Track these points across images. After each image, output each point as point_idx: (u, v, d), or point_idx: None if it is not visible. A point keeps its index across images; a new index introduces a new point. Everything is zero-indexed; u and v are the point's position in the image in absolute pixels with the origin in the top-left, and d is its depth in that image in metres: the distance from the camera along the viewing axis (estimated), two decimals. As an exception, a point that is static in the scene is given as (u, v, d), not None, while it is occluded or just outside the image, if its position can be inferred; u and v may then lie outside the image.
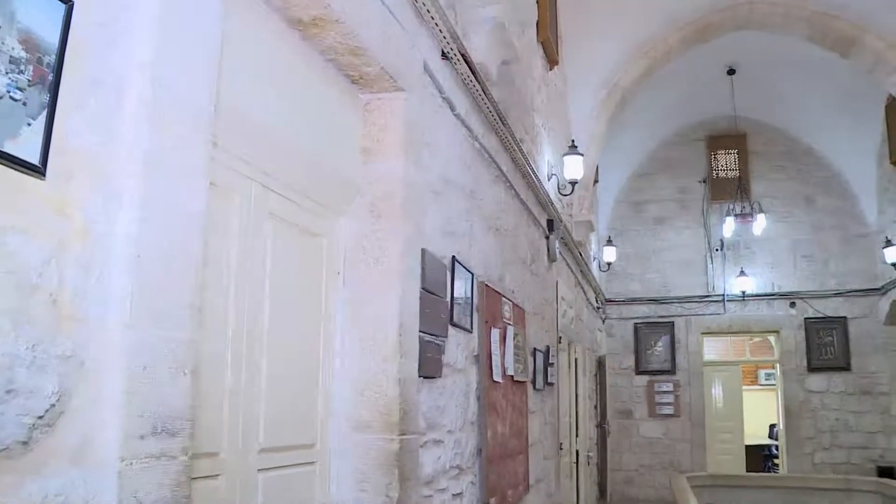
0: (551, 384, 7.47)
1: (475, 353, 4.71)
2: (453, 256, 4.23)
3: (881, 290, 13.76)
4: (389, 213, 3.44)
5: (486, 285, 4.93)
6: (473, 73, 4.54)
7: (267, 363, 2.79)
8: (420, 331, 3.61)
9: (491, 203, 5.40)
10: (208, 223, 2.05)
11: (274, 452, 2.83)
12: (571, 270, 9.71)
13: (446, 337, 4.07)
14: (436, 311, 3.85)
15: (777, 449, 16.00)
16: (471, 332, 4.59)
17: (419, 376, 3.60)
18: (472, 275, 4.61)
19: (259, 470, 2.74)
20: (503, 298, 5.40)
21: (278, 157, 2.89)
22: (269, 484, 2.78)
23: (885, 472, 13.00)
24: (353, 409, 3.32)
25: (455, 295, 4.21)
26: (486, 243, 5.19)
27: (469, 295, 4.53)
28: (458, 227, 4.46)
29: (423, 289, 3.65)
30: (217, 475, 2.49)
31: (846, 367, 14.05)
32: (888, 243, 12.68)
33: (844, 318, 14.16)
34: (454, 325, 4.21)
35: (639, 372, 14.69)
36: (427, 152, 3.91)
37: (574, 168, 8.32)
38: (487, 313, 4.89)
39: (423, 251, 3.69)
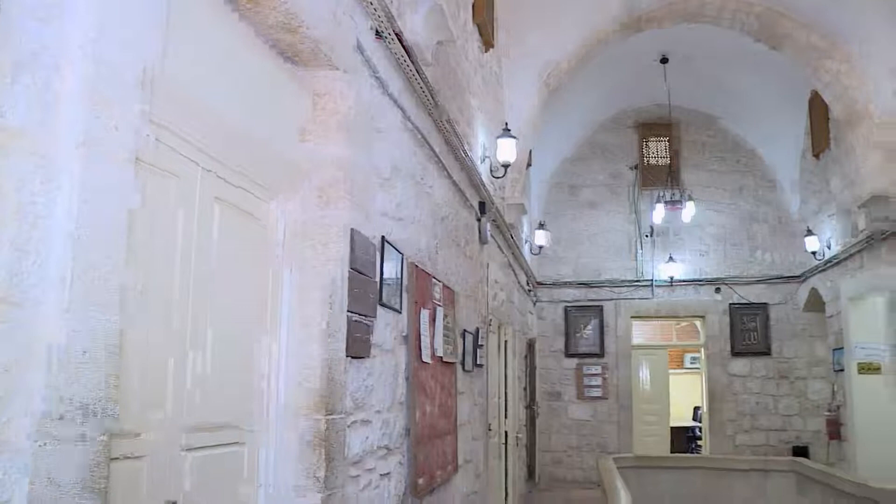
0: (481, 366, 7.52)
1: (404, 334, 4.71)
2: (383, 237, 4.22)
3: (801, 278, 14.20)
4: (328, 194, 3.44)
5: (416, 266, 4.94)
6: (408, 53, 4.53)
7: (196, 343, 2.76)
8: (348, 311, 3.60)
9: (423, 184, 5.39)
10: (152, 206, 2.02)
11: (201, 432, 2.80)
12: (503, 253, 9.76)
13: (375, 317, 4.07)
14: (364, 291, 3.85)
15: (700, 431, 16.43)
16: (400, 313, 4.59)
17: (347, 356, 3.60)
18: (402, 255, 4.61)
19: (185, 450, 2.71)
20: (433, 279, 5.41)
21: (223, 140, 2.86)
22: (195, 464, 2.76)
23: (799, 451, 13.54)
24: (281, 390, 3.30)
25: (384, 275, 4.21)
26: (417, 224, 5.19)
27: (399, 275, 4.53)
28: (388, 207, 4.45)
29: (351, 269, 3.64)
30: (140, 456, 2.45)
31: (767, 352, 14.49)
32: (809, 233, 13.11)
33: (766, 304, 14.57)
34: (383, 305, 4.21)
35: (568, 355, 14.86)
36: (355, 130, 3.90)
37: (507, 151, 8.35)
38: (417, 294, 4.89)
39: (353, 231, 3.67)
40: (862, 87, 10.10)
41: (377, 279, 4.10)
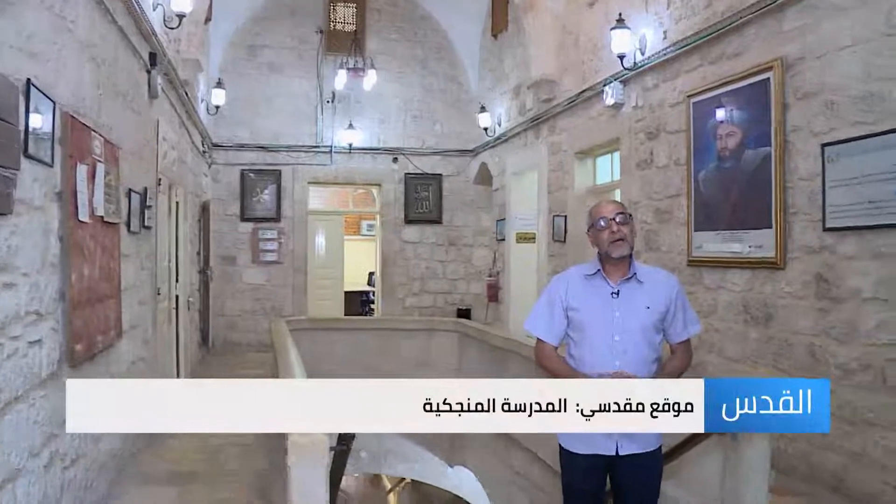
0: (149, 227, 7.14)
1: (57, 190, 4.30)
2: (28, 80, 3.75)
3: (473, 152, 15.03)
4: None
5: (72, 117, 4.48)
6: None
7: None
8: (-16, 161, 3.19)
9: (83, 26, 4.86)
10: None
11: None
12: (176, 110, 9.23)
13: (19, 170, 3.64)
14: (4, 139, 3.42)
15: (374, 294, 17.12)
16: (52, 167, 4.17)
17: (-16, 212, 3.21)
18: (55, 104, 4.14)
19: None
20: (93, 133, 4.96)
21: None
22: None
23: (463, 313, 14.70)
24: None
25: (31, 124, 3.76)
26: (74, 70, 4.69)
27: (51, 126, 4.08)
28: (37, 47, 3.95)
29: (-13, 113, 3.21)
30: None
31: (438, 221, 15.35)
32: (482, 109, 13.79)
33: (440, 175, 15.30)
34: (29, 157, 3.78)
35: (244, 219, 14.64)
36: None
37: (182, 0, 7.80)
38: (73, 147, 4.46)
39: (-13, 69, 3.23)
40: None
41: (21, 128, 3.66)
